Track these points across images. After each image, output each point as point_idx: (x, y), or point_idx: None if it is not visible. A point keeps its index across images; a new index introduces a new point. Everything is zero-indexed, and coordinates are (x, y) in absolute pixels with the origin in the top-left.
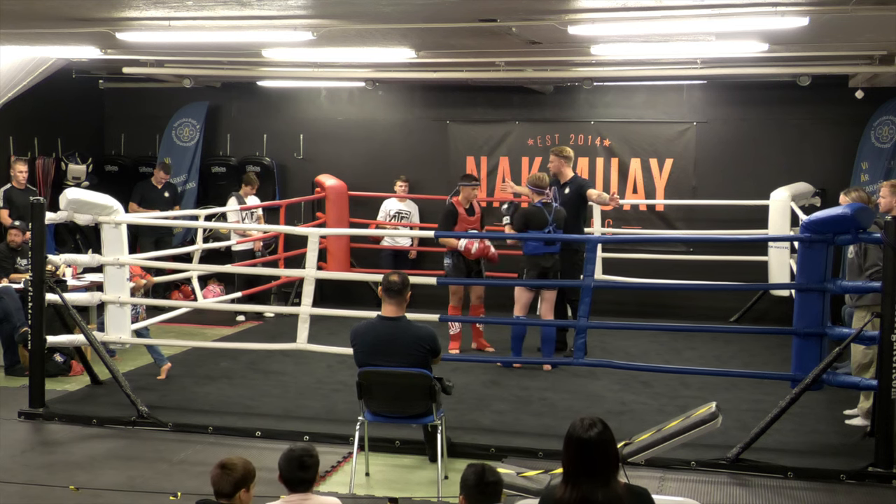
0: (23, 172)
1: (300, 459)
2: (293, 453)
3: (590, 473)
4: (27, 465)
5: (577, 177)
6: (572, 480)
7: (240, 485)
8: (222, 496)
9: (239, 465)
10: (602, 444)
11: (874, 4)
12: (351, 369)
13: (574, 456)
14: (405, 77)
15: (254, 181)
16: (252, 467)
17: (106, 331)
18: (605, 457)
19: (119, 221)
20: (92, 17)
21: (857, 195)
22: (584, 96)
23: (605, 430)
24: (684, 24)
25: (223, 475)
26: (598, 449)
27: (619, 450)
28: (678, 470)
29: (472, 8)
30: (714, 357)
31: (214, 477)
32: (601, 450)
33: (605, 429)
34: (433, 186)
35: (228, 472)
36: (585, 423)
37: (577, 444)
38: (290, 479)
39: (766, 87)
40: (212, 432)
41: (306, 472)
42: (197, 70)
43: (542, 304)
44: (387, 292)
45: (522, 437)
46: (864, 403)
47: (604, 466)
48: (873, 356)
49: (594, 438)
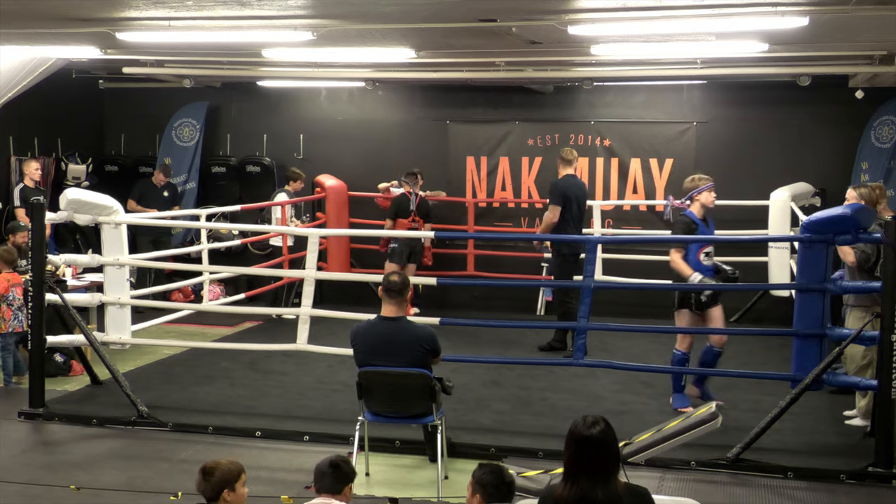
0: (38, 170)
1: (332, 462)
2: (328, 457)
3: (590, 471)
4: (27, 465)
5: (567, 177)
6: (572, 478)
7: (222, 486)
8: (208, 500)
9: (217, 468)
10: (603, 442)
11: (874, 4)
12: (351, 369)
13: (575, 453)
14: (405, 77)
15: (301, 175)
16: (236, 466)
17: (106, 331)
18: (606, 455)
19: (119, 222)
20: (92, 17)
21: (866, 192)
22: (584, 96)
23: (607, 429)
24: (684, 24)
25: (202, 481)
26: (600, 447)
27: (619, 449)
28: (678, 470)
29: (472, 8)
30: None
31: (197, 483)
32: (602, 448)
33: (607, 427)
34: (433, 186)
35: (208, 476)
36: (588, 420)
37: (578, 441)
38: (318, 483)
39: (766, 87)
40: (212, 432)
41: (336, 474)
42: (197, 70)
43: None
44: (387, 292)
45: (522, 437)
46: (861, 403)
47: (604, 465)
48: (872, 357)
49: (596, 436)
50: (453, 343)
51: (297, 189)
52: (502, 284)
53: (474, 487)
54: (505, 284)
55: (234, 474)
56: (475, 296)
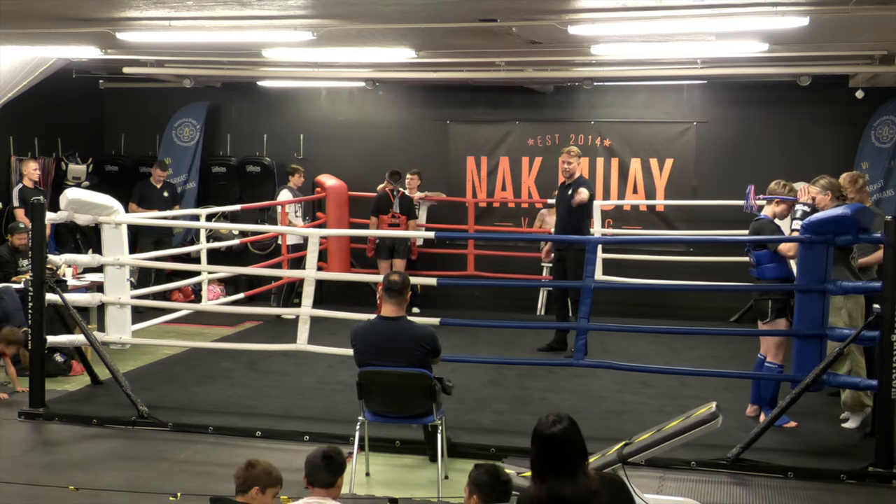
0: (36, 171)
1: (325, 454)
2: (321, 448)
3: (555, 469)
4: (27, 465)
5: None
6: (540, 477)
7: (255, 482)
8: (237, 491)
9: (259, 465)
10: (566, 440)
11: (874, 4)
12: (351, 369)
13: (539, 452)
14: (405, 77)
15: (300, 168)
16: (276, 476)
17: (106, 331)
18: (570, 453)
19: (119, 222)
20: (92, 17)
21: (825, 182)
22: (584, 96)
23: (570, 427)
24: (684, 24)
25: (243, 470)
26: (563, 445)
27: (585, 446)
28: (678, 470)
29: (472, 8)
30: (713, 357)
31: (236, 471)
32: (566, 446)
33: (570, 424)
34: (433, 186)
35: (249, 468)
36: (550, 418)
37: (541, 440)
38: (312, 476)
39: (766, 87)
40: (212, 432)
41: (330, 465)
42: (197, 70)
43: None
44: (387, 292)
45: (522, 437)
46: (844, 395)
47: (568, 462)
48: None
49: (558, 434)
50: (453, 343)
51: (298, 184)
52: (502, 284)
53: (471, 488)
54: (505, 284)
55: (271, 479)
56: (475, 296)
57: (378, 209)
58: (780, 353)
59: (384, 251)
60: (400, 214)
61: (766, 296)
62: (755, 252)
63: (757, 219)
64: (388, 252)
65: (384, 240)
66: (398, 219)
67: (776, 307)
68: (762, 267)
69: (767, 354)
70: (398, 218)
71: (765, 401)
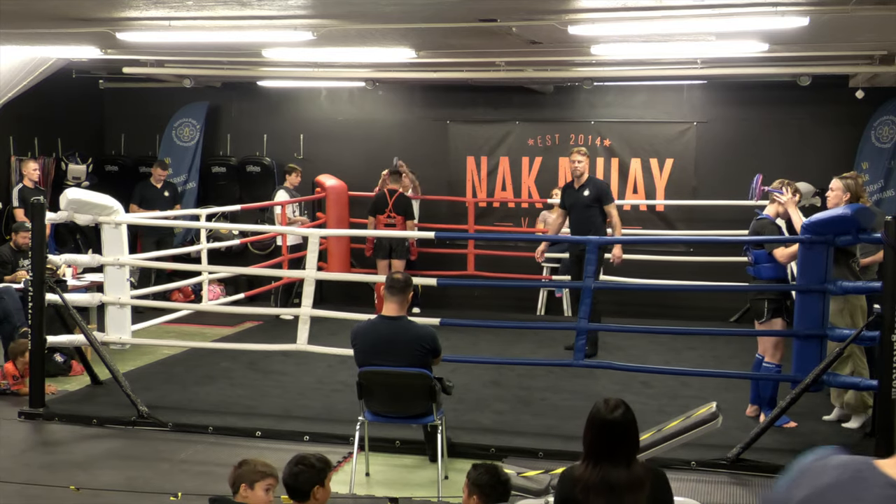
0: (36, 171)
1: (292, 469)
2: (292, 461)
3: (612, 455)
4: (27, 465)
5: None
6: (594, 461)
7: (239, 481)
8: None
9: (247, 464)
10: (625, 425)
11: (874, 4)
12: (351, 369)
13: (597, 437)
14: (405, 77)
15: (297, 168)
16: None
17: (106, 331)
18: (627, 438)
19: (119, 222)
20: (92, 17)
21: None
22: (584, 96)
23: (627, 412)
24: (684, 24)
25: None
26: (622, 430)
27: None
28: (678, 470)
29: (472, 8)
30: (713, 357)
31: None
32: (624, 431)
33: (627, 410)
34: (433, 186)
35: (236, 467)
36: (610, 404)
37: (601, 425)
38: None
39: (766, 87)
40: (212, 432)
41: (296, 481)
42: (197, 70)
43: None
44: (389, 290)
45: (522, 437)
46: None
47: (626, 448)
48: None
49: (618, 420)
50: (453, 343)
51: (295, 184)
52: (502, 285)
53: (470, 489)
54: (505, 285)
55: (256, 474)
56: (475, 296)
57: (375, 209)
58: (778, 353)
59: (382, 251)
60: (396, 214)
61: (762, 296)
62: (754, 251)
63: (758, 218)
64: (386, 252)
65: (382, 240)
66: (394, 218)
67: (772, 307)
68: (759, 266)
69: (765, 354)
70: (394, 218)
71: (764, 401)
